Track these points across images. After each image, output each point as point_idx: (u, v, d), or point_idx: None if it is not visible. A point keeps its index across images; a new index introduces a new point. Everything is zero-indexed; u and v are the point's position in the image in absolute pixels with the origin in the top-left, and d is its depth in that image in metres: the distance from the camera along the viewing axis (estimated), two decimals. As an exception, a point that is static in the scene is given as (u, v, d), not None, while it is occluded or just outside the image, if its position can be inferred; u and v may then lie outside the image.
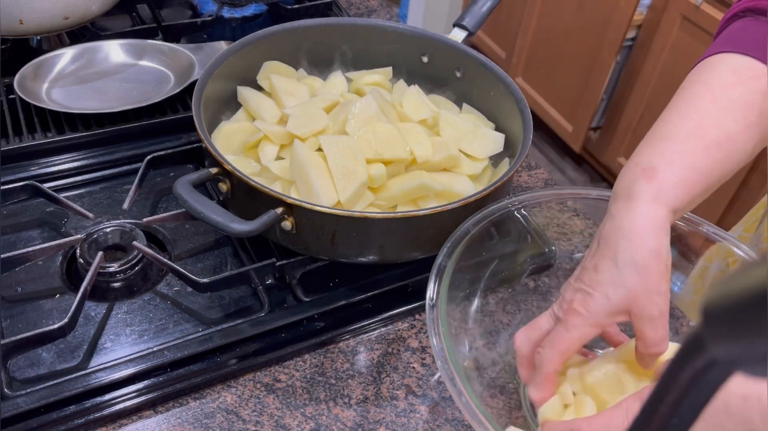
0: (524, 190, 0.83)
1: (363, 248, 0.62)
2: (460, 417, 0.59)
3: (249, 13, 1.01)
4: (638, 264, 0.48)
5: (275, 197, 0.58)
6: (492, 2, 0.80)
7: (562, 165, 2.37)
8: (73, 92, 0.81)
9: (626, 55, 1.99)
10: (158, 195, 0.74)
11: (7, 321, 0.60)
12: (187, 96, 0.83)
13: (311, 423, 0.57)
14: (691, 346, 0.24)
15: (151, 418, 0.56)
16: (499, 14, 2.38)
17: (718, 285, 0.22)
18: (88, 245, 0.64)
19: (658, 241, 0.48)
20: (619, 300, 0.48)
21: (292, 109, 0.70)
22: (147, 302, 0.63)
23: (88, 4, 0.85)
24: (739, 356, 0.22)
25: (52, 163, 0.75)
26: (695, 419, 0.24)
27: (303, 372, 0.61)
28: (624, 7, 1.87)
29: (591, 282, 0.49)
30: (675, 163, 0.49)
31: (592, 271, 0.50)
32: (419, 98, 0.76)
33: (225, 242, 0.70)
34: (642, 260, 0.48)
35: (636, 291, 0.48)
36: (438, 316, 0.52)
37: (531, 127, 0.68)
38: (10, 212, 0.70)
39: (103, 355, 0.58)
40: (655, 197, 0.48)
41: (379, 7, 1.12)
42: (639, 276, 0.47)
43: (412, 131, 0.69)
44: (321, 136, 0.67)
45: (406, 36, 0.81)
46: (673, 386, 0.24)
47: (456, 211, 0.59)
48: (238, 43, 0.74)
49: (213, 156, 0.60)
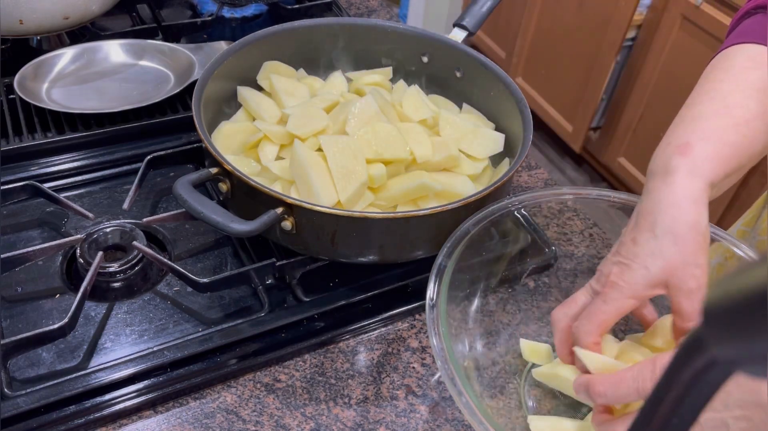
0: (524, 190, 0.83)
1: (363, 248, 0.62)
2: (460, 417, 0.59)
3: (249, 13, 1.01)
4: (677, 236, 0.48)
5: (275, 197, 0.57)
6: (492, 2, 0.80)
7: (562, 165, 2.37)
8: (73, 92, 0.81)
9: (626, 55, 1.99)
10: (158, 195, 0.74)
11: (7, 321, 0.60)
12: (187, 96, 0.83)
13: (311, 423, 0.57)
14: (691, 346, 0.24)
15: (151, 418, 0.56)
16: (499, 14, 2.38)
17: (718, 285, 0.22)
18: (88, 245, 0.64)
19: (697, 213, 0.48)
20: (658, 271, 0.48)
21: (292, 109, 0.70)
22: (147, 302, 0.63)
23: (88, 4, 0.85)
24: (739, 356, 0.22)
25: (52, 163, 0.75)
26: (695, 419, 0.24)
27: (303, 372, 0.61)
28: (624, 7, 1.87)
29: (629, 254, 0.50)
30: (708, 138, 0.50)
31: (630, 244, 0.50)
32: (419, 98, 0.76)
33: (225, 242, 0.70)
34: (681, 231, 0.48)
35: (674, 263, 0.48)
36: (438, 316, 0.52)
37: (531, 127, 0.68)
38: (10, 212, 0.70)
39: (103, 355, 0.58)
40: (691, 170, 0.49)
41: (379, 7, 1.13)
42: (677, 248, 0.48)
43: (412, 131, 0.69)
44: (321, 136, 0.67)
45: (406, 36, 0.81)
46: (673, 386, 0.24)
47: (456, 211, 0.59)
48: (238, 43, 0.74)
49: (213, 156, 0.60)
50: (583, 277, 0.68)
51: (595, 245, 0.74)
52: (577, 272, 0.69)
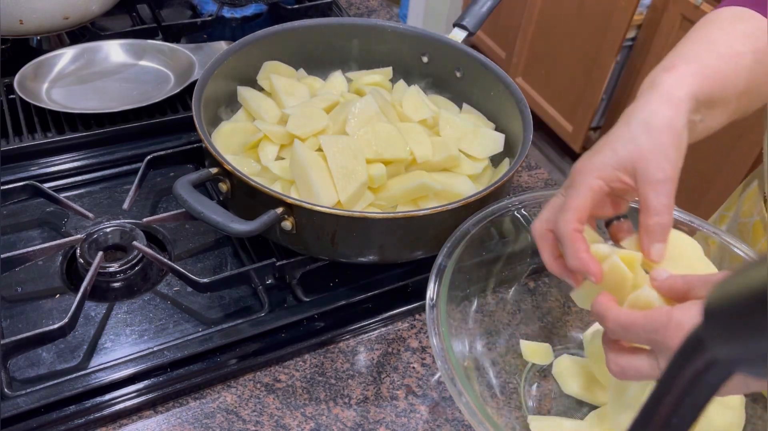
0: (524, 190, 0.83)
1: (363, 248, 0.62)
2: (460, 417, 0.59)
3: (249, 13, 1.01)
4: (650, 126, 0.48)
5: (275, 197, 0.58)
6: (492, 2, 0.80)
7: (562, 165, 2.37)
8: (73, 92, 0.81)
9: (626, 55, 1.99)
10: (158, 195, 0.74)
11: (7, 321, 0.60)
12: (187, 96, 0.83)
13: (311, 423, 0.57)
14: (691, 346, 0.24)
15: (151, 418, 0.56)
16: (499, 14, 2.37)
17: (718, 285, 0.22)
18: (88, 245, 0.64)
19: (675, 114, 0.48)
20: (626, 154, 0.48)
21: (291, 109, 0.70)
22: (147, 302, 0.63)
23: (88, 4, 0.85)
24: (739, 356, 0.22)
25: (52, 163, 0.75)
26: (695, 419, 0.24)
27: (303, 372, 0.61)
28: (624, 7, 1.87)
29: (600, 143, 0.50)
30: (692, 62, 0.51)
31: (602, 138, 0.50)
32: (419, 98, 0.76)
33: (225, 242, 0.70)
34: (655, 124, 0.48)
35: (644, 150, 0.48)
36: (438, 316, 0.52)
37: (531, 127, 0.68)
38: (10, 212, 0.70)
39: (103, 355, 0.58)
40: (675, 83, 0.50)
41: (379, 7, 1.13)
42: (649, 137, 0.48)
43: (412, 131, 0.69)
44: (321, 136, 0.67)
45: (406, 36, 0.81)
46: (673, 386, 0.24)
47: (456, 211, 0.59)
48: (238, 43, 0.74)
49: (213, 156, 0.60)
50: (583, 277, 0.68)
51: (595, 245, 0.74)
52: (577, 272, 0.69)
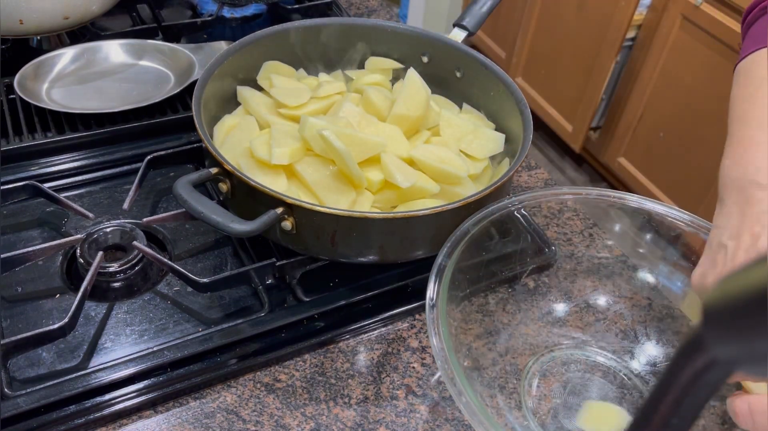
0: (524, 190, 0.83)
1: (363, 248, 0.62)
2: (460, 417, 0.59)
3: (249, 13, 1.01)
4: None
5: (275, 197, 0.57)
6: (492, 2, 0.80)
7: (562, 165, 2.37)
8: (73, 92, 0.81)
9: (626, 55, 1.99)
10: (158, 195, 0.74)
11: (7, 321, 0.60)
12: (187, 96, 0.83)
13: (311, 423, 0.57)
14: (691, 346, 0.24)
15: (151, 418, 0.56)
16: (499, 14, 2.37)
17: (718, 284, 0.22)
18: (88, 245, 0.64)
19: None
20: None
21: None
22: (147, 302, 0.63)
23: (88, 4, 0.85)
24: (739, 356, 0.22)
25: (52, 163, 0.75)
26: (695, 419, 0.24)
27: (303, 372, 0.61)
28: (624, 7, 1.87)
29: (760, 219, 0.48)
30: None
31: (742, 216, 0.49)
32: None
33: (225, 242, 0.70)
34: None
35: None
36: (438, 316, 0.52)
37: (531, 127, 0.68)
38: (10, 212, 0.70)
39: (103, 355, 0.58)
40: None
41: (379, 7, 1.13)
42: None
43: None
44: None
45: (406, 36, 0.81)
46: (673, 386, 0.24)
47: (456, 211, 0.59)
48: (238, 43, 0.74)
49: (213, 156, 0.60)
50: (583, 277, 0.68)
51: (595, 245, 0.74)
52: (577, 272, 0.69)
